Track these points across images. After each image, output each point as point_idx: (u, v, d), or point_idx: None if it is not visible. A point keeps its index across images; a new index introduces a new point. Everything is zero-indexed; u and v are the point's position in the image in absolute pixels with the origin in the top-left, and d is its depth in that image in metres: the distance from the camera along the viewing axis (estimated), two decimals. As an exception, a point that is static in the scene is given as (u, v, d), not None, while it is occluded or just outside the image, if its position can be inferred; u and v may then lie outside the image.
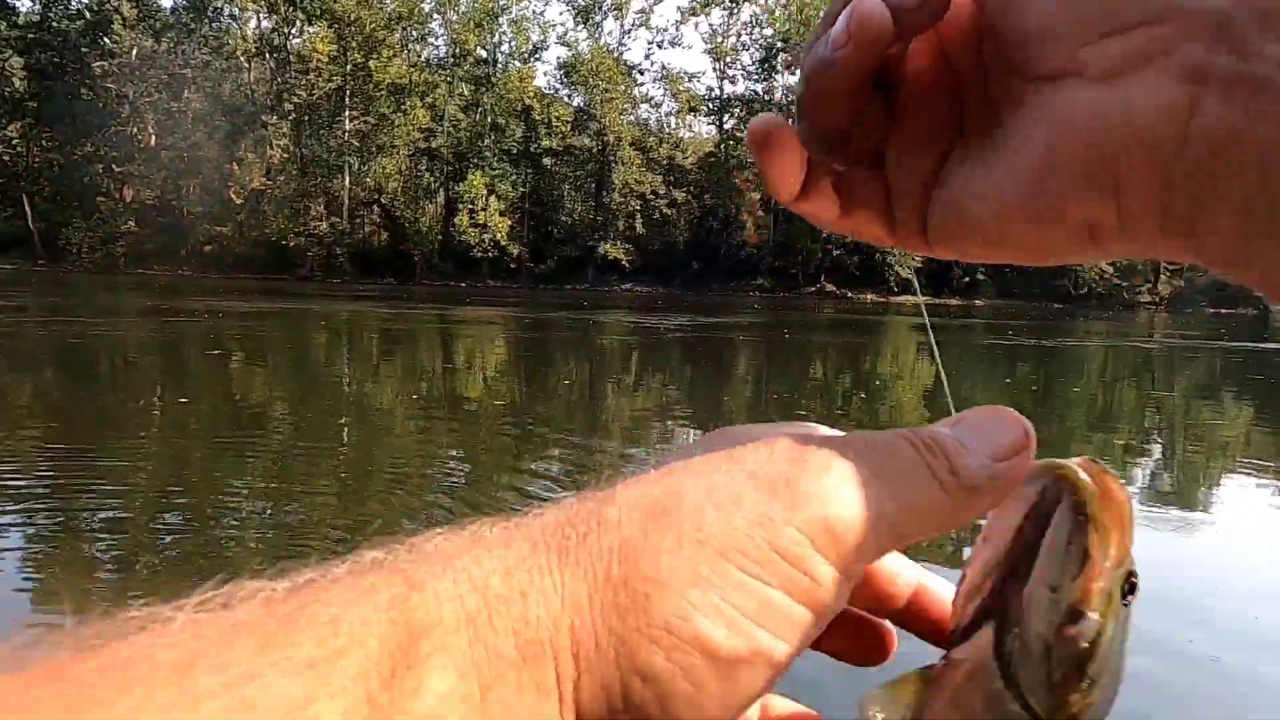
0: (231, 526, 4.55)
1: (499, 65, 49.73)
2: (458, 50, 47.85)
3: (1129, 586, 0.27)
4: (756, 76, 51.73)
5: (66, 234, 42.17)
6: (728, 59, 52.58)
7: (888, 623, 0.32)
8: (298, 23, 44.61)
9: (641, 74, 52.45)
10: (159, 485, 5.40)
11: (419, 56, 48.42)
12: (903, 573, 0.32)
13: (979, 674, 0.28)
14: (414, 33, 48.07)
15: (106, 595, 3.63)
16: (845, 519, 0.24)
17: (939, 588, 0.32)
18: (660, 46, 73.69)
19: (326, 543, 4.32)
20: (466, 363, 13.39)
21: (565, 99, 50.12)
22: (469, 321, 21.52)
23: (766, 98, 50.50)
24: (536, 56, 52.11)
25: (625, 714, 0.23)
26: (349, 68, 43.24)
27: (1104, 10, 0.25)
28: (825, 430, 0.30)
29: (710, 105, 53.40)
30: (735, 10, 52.53)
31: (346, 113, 44.00)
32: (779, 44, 49.75)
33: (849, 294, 47.30)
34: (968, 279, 49.08)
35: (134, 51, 42.94)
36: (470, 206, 44.71)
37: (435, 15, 48.54)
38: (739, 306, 33.86)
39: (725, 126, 52.72)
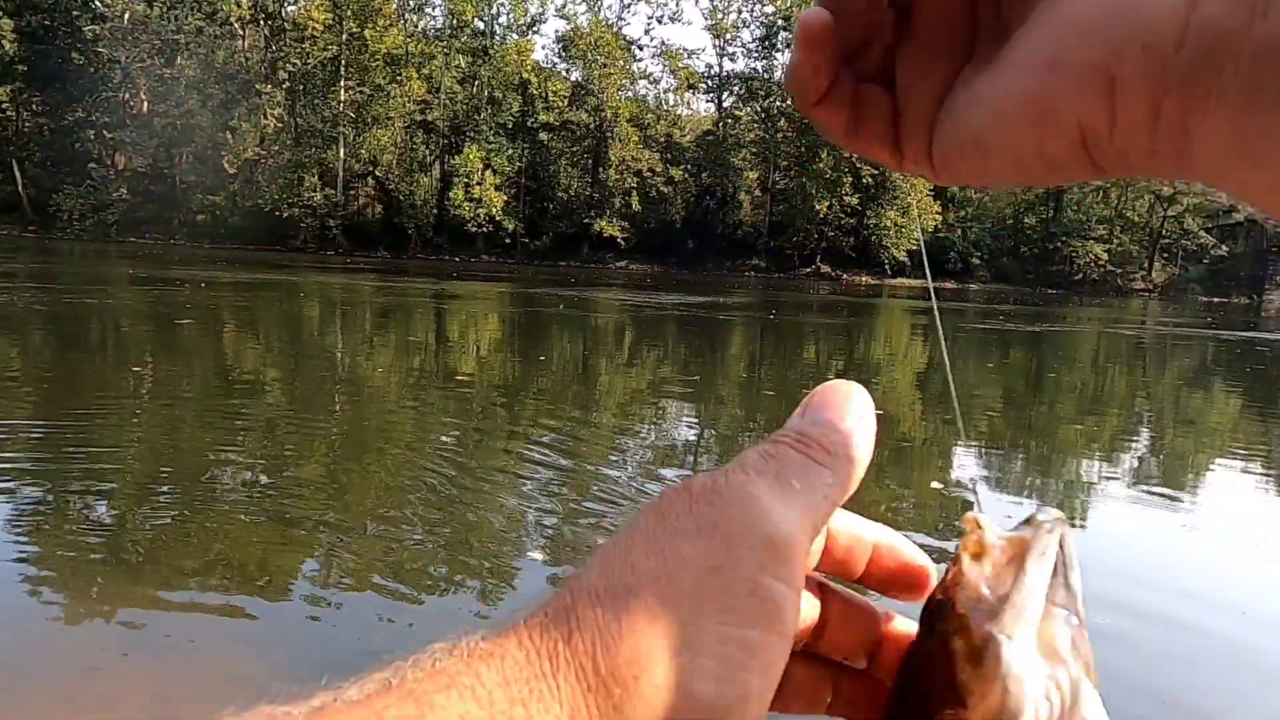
0: (222, 495, 4.57)
1: (496, 37, 49.23)
2: (455, 21, 47.32)
3: None
4: (757, 54, 51.32)
5: (57, 200, 41.75)
6: (728, 36, 52.12)
7: (869, 603, 0.34)
8: (293, -11, 44.06)
9: (640, 49, 52.03)
10: (148, 454, 5.40)
11: (415, 27, 47.88)
12: (860, 533, 0.33)
13: None
14: (410, 2, 47.50)
15: (97, 564, 3.64)
16: (779, 534, 0.26)
17: (893, 540, 0.34)
18: (660, 21, 73.28)
19: (318, 512, 4.34)
20: (460, 337, 13.38)
21: (563, 73, 49.69)
22: (463, 296, 21.47)
23: (767, 76, 50.08)
24: (535, 29, 51.62)
25: None
26: (344, 37, 42.73)
27: None
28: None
29: (709, 83, 53.01)
30: (736, -14, 52.02)
31: (341, 83, 43.54)
32: (780, 21, 49.29)
33: (843, 275, 47.33)
34: (963, 264, 49.13)
35: (126, 16, 42.31)
36: (466, 180, 44.41)
37: (433, -16, 47.99)
38: (734, 286, 33.84)
39: (724, 104, 52.38)
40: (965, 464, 6.30)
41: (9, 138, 42.84)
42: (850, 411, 0.31)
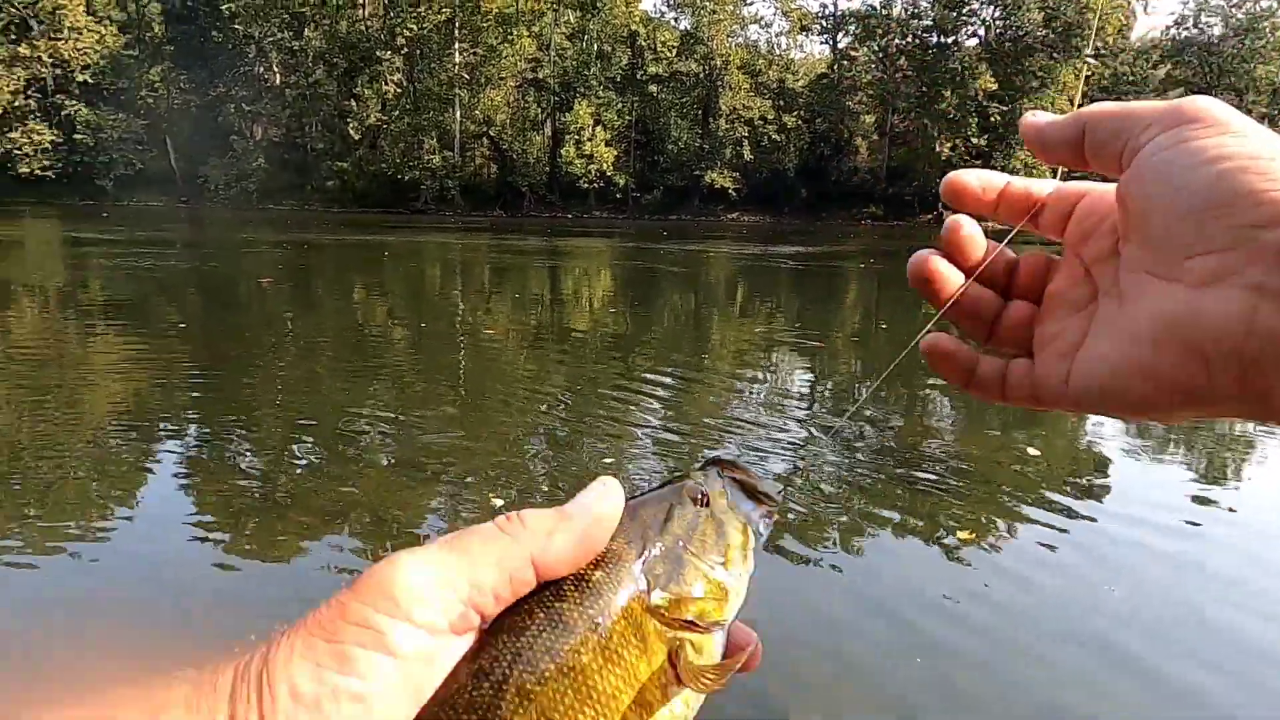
0: (358, 444, 4.93)
1: (605, -10, 48.75)
2: (564, -24, 47.14)
3: None
4: (874, -11, 48.65)
5: (204, 171, 44.96)
6: (843, -28, 49.57)
7: None
8: (408, -45, 44.92)
9: (751, -8, 50.37)
10: (290, 408, 5.86)
11: (525, -16, 47.99)
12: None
13: None
14: (520, -40, 47.58)
15: (250, 508, 4.02)
16: (401, 582, 0.36)
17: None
18: (771, -38, 70.31)
19: (443, 460, 4.62)
20: (574, 292, 13.65)
21: (671, 22, 48.84)
22: (576, 253, 21.81)
23: (885, 13, 47.53)
24: (643, -22, 50.73)
25: None
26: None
27: (1197, 236, 0.36)
28: None
29: (824, 24, 50.81)
30: (852, -82, 49.32)
31: (456, 45, 44.40)
32: (900, -48, 46.45)
33: (968, 221, 44.88)
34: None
35: (258, -8, 44.45)
36: (576, 137, 44.68)
37: (541, -59, 47.81)
38: (849, 235, 32.82)
39: (839, 45, 50.17)
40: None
41: (161, 115, 46.22)
42: (588, 500, 0.41)
